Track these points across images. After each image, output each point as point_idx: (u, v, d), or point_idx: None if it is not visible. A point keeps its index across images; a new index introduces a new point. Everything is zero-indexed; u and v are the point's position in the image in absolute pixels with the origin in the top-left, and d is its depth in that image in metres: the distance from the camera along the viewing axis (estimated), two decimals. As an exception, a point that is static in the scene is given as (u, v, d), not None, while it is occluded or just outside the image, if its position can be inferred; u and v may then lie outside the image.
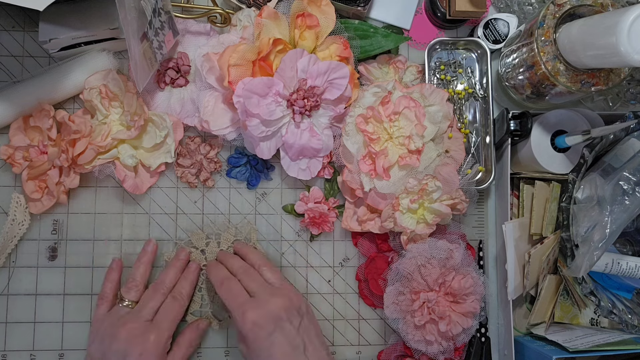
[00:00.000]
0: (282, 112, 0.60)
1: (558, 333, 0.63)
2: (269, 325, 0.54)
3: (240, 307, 0.55)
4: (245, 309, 0.54)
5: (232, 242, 0.65)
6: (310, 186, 0.66)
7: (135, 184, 0.63)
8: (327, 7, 0.60)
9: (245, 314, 0.54)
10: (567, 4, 0.57)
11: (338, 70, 0.59)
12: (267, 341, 0.53)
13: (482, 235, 0.68)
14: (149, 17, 0.55)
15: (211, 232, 0.65)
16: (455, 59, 0.68)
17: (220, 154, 0.66)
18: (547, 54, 0.57)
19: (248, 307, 0.55)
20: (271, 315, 0.54)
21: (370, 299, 0.66)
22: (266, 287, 0.57)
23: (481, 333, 0.66)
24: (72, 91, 0.63)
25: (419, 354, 0.62)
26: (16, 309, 0.63)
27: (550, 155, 0.63)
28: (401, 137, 0.61)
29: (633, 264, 0.64)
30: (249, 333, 0.54)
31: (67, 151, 0.59)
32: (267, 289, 0.57)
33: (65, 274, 0.64)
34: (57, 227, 0.64)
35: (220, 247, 0.65)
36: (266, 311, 0.54)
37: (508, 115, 0.63)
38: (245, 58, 0.58)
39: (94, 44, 0.62)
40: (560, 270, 0.64)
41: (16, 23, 0.66)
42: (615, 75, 0.58)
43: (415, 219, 0.61)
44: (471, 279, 0.60)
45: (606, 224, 0.58)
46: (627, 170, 0.60)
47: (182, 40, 0.65)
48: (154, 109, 0.64)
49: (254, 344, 0.54)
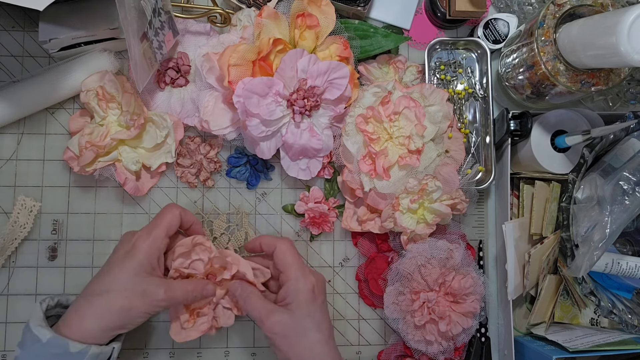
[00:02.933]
0: (282, 112, 0.60)
1: (558, 333, 0.63)
2: (322, 292, 0.57)
3: (304, 268, 0.56)
4: (308, 271, 0.56)
5: (224, 229, 0.65)
6: (310, 186, 0.66)
7: (136, 186, 0.63)
8: (327, 7, 0.60)
9: (308, 276, 0.55)
10: (567, 4, 0.57)
11: (338, 70, 0.59)
12: (321, 306, 0.56)
13: (482, 235, 0.68)
14: (149, 17, 0.55)
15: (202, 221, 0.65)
16: (455, 59, 0.68)
17: (220, 154, 0.66)
18: (547, 54, 0.57)
19: (310, 271, 0.57)
20: (323, 285, 0.58)
21: (370, 299, 0.66)
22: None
23: (481, 333, 0.66)
24: (72, 91, 0.63)
25: (419, 354, 0.62)
26: (16, 309, 0.63)
27: (550, 155, 0.63)
28: (401, 137, 0.61)
29: (633, 264, 0.64)
30: (309, 294, 0.55)
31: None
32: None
33: (65, 274, 0.64)
34: (57, 227, 0.64)
35: (213, 235, 0.65)
36: (321, 280, 0.58)
37: (508, 115, 0.63)
38: (245, 58, 0.58)
39: (94, 44, 0.62)
40: (560, 270, 0.64)
41: (16, 23, 0.66)
42: (615, 75, 0.58)
43: (415, 219, 0.61)
44: (471, 279, 0.60)
45: (606, 224, 0.58)
46: (627, 170, 0.60)
47: (182, 40, 0.65)
48: (154, 109, 0.64)
49: (311, 305, 0.55)
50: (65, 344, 0.50)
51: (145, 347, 0.64)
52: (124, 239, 0.56)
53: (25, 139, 0.65)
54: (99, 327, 0.52)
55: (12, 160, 0.64)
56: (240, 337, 0.65)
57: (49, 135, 0.65)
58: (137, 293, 0.53)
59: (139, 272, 0.53)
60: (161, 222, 0.56)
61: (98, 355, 0.52)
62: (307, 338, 0.54)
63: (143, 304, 0.53)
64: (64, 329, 0.52)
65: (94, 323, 0.52)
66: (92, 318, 0.52)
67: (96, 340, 0.52)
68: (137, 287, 0.53)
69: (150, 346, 0.64)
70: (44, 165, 0.65)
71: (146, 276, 0.53)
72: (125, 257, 0.54)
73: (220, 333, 0.65)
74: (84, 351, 0.51)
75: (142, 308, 0.53)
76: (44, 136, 0.65)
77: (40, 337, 0.50)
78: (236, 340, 0.65)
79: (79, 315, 0.52)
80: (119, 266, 0.53)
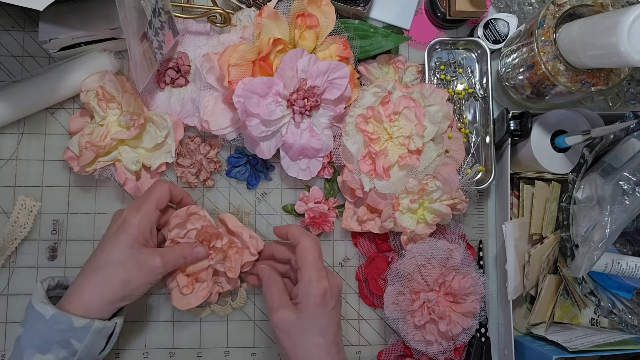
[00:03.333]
0: (282, 112, 0.60)
1: (558, 333, 0.63)
2: (334, 298, 0.55)
3: (320, 271, 0.55)
4: (324, 275, 0.55)
5: None
6: (310, 186, 0.66)
7: (136, 186, 0.63)
8: (327, 7, 0.60)
9: (322, 280, 0.54)
10: (567, 4, 0.57)
11: (338, 70, 0.59)
12: (329, 312, 0.54)
13: (482, 235, 0.68)
14: (149, 17, 0.55)
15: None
16: (455, 59, 0.68)
17: (220, 154, 0.66)
18: (547, 54, 0.57)
19: (325, 275, 0.55)
20: (337, 291, 0.56)
21: (370, 299, 0.66)
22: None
23: (481, 333, 0.66)
24: (72, 91, 0.63)
25: (419, 354, 0.62)
26: (16, 309, 0.63)
27: (550, 155, 0.63)
28: (401, 137, 0.61)
29: (633, 264, 0.64)
30: (319, 298, 0.54)
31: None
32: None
33: (65, 274, 0.64)
34: (57, 227, 0.64)
35: None
36: (335, 284, 0.56)
37: (508, 115, 0.63)
38: (245, 58, 0.58)
39: (94, 44, 0.62)
40: (560, 270, 0.64)
41: (16, 23, 0.66)
42: (615, 75, 0.58)
43: (415, 219, 0.61)
44: (471, 279, 0.60)
45: (606, 224, 0.58)
46: (627, 170, 0.60)
47: (182, 40, 0.65)
48: (154, 109, 0.64)
49: (319, 309, 0.54)
50: (69, 320, 0.51)
51: (145, 347, 0.64)
52: (115, 216, 0.57)
53: (25, 139, 0.65)
54: (101, 301, 0.53)
55: (12, 160, 0.64)
56: (240, 337, 0.65)
57: (49, 135, 0.65)
58: (134, 264, 0.54)
59: (133, 244, 0.54)
60: (150, 197, 0.57)
61: (101, 329, 0.53)
62: (308, 340, 0.54)
63: (141, 274, 0.54)
64: (66, 305, 0.52)
65: (95, 297, 0.53)
66: (93, 293, 0.53)
67: (99, 315, 0.53)
68: (133, 259, 0.54)
69: (150, 346, 0.64)
70: (44, 165, 0.65)
71: (140, 247, 0.55)
72: (117, 231, 0.55)
73: (220, 333, 0.65)
74: (87, 325, 0.51)
75: (140, 279, 0.54)
76: (44, 136, 0.65)
77: (44, 313, 0.51)
78: (236, 340, 0.65)
79: (80, 291, 0.53)
80: (112, 241, 0.54)
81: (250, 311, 0.65)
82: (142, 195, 0.58)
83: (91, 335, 0.52)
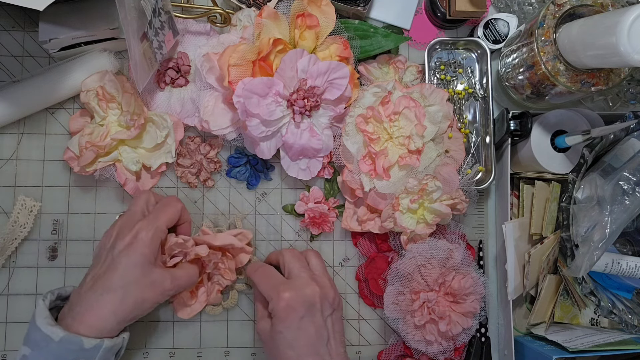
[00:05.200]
0: (282, 112, 0.60)
1: (558, 333, 0.63)
2: (301, 308, 0.55)
3: (276, 287, 0.56)
4: (282, 289, 0.56)
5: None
6: (310, 186, 0.66)
7: (136, 186, 0.63)
8: (327, 7, 0.60)
9: (281, 293, 0.55)
10: (567, 4, 0.57)
11: (338, 70, 0.59)
12: (296, 324, 0.54)
13: (482, 235, 0.68)
14: (149, 17, 0.55)
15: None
16: (455, 59, 0.68)
17: (220, 154, 0.66)
18: (547, 54, 0.57)
19: (285, 288, 0.56)
20: (306, 300, 0.55)
21: (370, 299, 0.66)
22: (307, 270, 0.59)
23: (481, 333, 0.66)
24: (72, 91, 0.63)
25: (419, 354, 0.62)
26: (16, 309, 0.63)
27: (550, 155, 0.63)
28: (401, 137, 0.61)
29: (633, 264, 0.64)
30: (281, 312, 0.54)
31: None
32: (307, 273, 0.58)
33: (65, 274, 0.64)
34: (57, 227, 0.64)
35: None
36: (302, 294, 0.55)
37: (508, 115, 0.63)
38: (245, 58, 0.58)
39: (94, 44, 0.62)
40: (560, 270, 0.64)
41: (16, 23, 0.66)
42: (615, 75, 0.58)
43: (415, 219, 0.61)
44: (471, 279, 0.60)
45: (606, 224, 0.58)
46: (627, 170, 0.60)
47: (182, 40, 0.65)
48: (154, 109, 0.64)
49: (282, 323, 0.54)
50: (79, 341, 0.50)
51: (145, 347, 0.64)
52: (123, 225, 0.56)
53: (25, 139, 0.65)
54: (115, 321, 0.53)
55: (12, 160, 0.64)
56: (240, 337, 0.65)
57: (49, 135, 0.65)
58: (148, 285, 0.54)
59: (144, 264, 0.54)
60: (164, 216, 0.56)
61: (111, 347, 0.52)
62: (279, 352, 0.55)
63: (154, 294, 0.54)
64: (76, 325, 0.52)
65: (109, 317, 0.52)
66: (108, 314, 0.52)
67: (109, 333, 0.53)
68: (146, 279, 0.54)
69: (150, 346, 0.64)
70: (44, 165, 0.65)
71: (151, 267, 0.54)
72: (129, 249, 0.54)
73: (220, 333, 0.65)
74: (98, 346, 0.51)
75: (153, 299, 0.54)
76: (44, 136, 0.65)
77: (52, 336, 0.50)
78: (236, 340, 0.65)
79: (94, 312, 0.52)
80: (125, 260, 0.54)
81: (250, 311, 0.65)
82: (156, 210, 0.57)
83: (101, 354, 0.51)
